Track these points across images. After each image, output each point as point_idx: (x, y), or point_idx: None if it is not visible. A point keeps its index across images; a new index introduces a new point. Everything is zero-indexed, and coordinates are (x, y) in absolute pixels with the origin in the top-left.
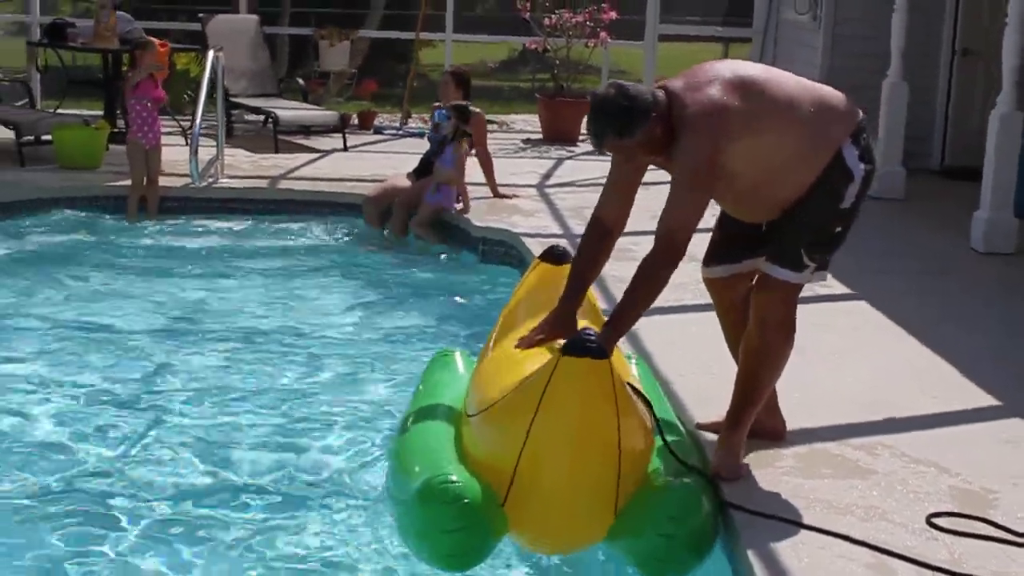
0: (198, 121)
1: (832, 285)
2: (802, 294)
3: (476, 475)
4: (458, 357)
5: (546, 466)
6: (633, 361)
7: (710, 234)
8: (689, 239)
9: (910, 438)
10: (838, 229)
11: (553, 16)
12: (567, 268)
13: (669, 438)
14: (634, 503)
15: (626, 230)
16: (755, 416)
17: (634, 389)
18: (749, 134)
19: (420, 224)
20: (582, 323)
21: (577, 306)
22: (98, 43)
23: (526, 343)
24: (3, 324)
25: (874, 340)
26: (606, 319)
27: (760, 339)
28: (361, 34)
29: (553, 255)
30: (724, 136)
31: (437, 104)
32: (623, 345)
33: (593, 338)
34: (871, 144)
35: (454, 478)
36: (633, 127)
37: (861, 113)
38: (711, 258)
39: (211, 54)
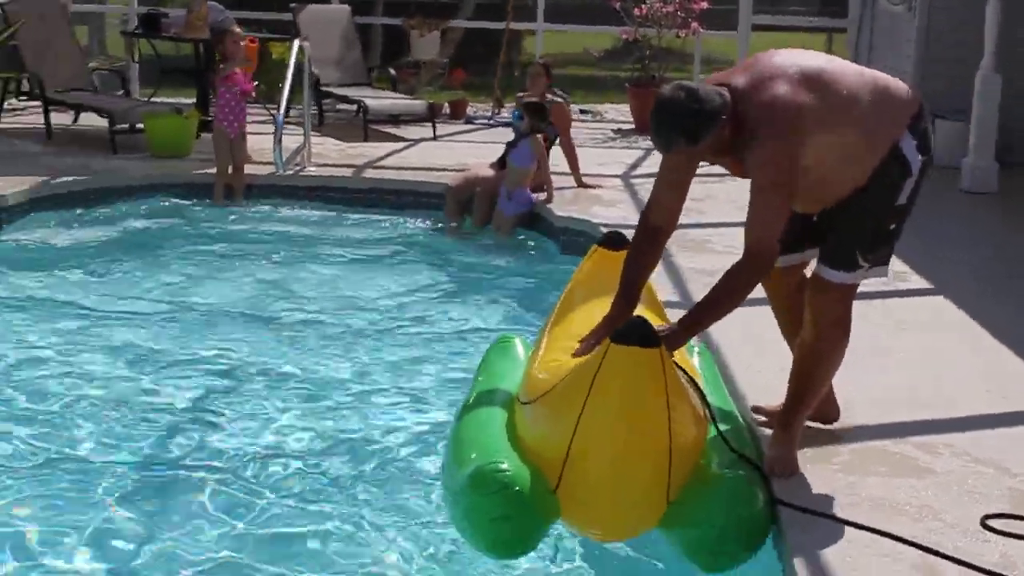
0: (282, 110)
1: (910, 280)
2: (877, 288)
3: (529, 461)
4: (518, 343)
5: (597, 453)
6: (696, 350)
7: None
8: (777, 243)
9: (973, 437)
10: (892, 226)
11: (644, 6)
12: (624, 254)
13: (725, 427)
14: (687, 492)
15: (705, 220)
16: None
17: (687, 376)
18: (820, 130)
19: (498, 232)
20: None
21: (632, 309)
22: (190, 33)
23: (583, 350)
24: (97, 305)
25: (948, 337)
26: (666, 310)
27: (815, 339)
28: (451, 24)
29: (611, 240)
30: (799, 134)
31: (521, 94)
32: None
33: (644, 325)
34: (930, 133)
35: (504, 466)
36: (704, 131)
37: (920, 101)
38: None
39: (296, 43)
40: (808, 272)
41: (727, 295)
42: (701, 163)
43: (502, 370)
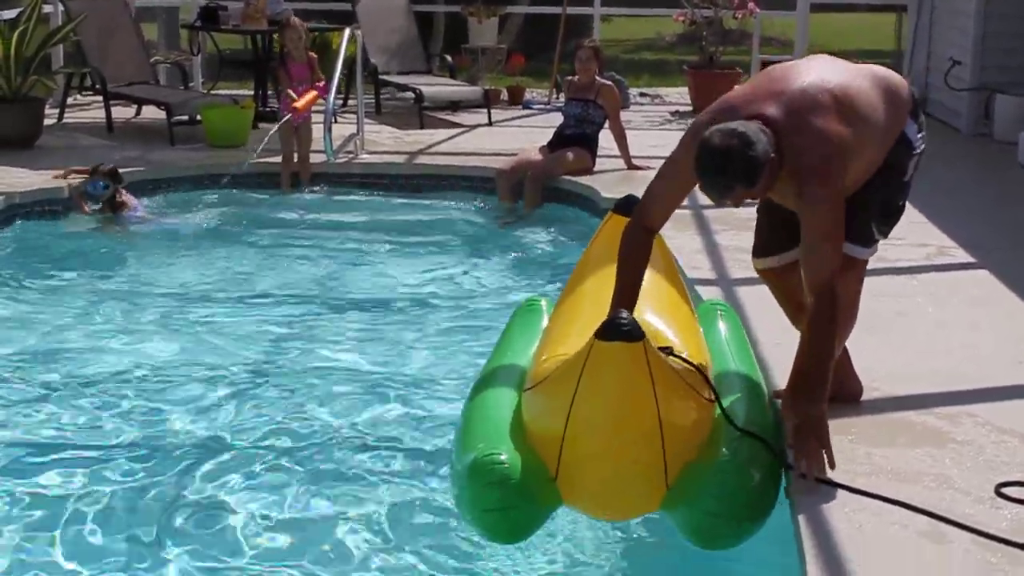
0: (331, 98)
1: (955, 255)
2: (923, 263)
3: (530, 449)
4: (543, 305)
5: (589, 445)
6: (719, 311)
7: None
8: (837, 273)
9: (998, 408)
10: (901, 202)
11: None
12: None
13: (741, 399)
14: (686, 476)
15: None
16: None
17: (687, 361)
18: (858, 152)
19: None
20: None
21: (631, 309)
22: (247, 24)
23: None
24: (151, 291)
25: (988, 311)
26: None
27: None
28: (509, 10)
29: (626, 206)
30: (845, 171)
31: (571, 78)
32: (711, 292)
33: (626, 321)
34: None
35: (503, 457)
36: (761, 174)
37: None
38: (762, 249)
39: (347, 32)
40: None
41: (827, 344)
42: None
43: (522, 339)
